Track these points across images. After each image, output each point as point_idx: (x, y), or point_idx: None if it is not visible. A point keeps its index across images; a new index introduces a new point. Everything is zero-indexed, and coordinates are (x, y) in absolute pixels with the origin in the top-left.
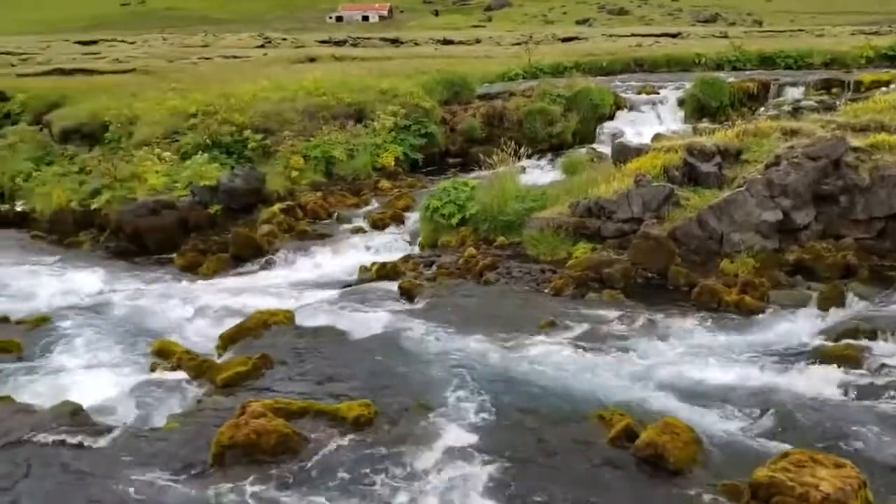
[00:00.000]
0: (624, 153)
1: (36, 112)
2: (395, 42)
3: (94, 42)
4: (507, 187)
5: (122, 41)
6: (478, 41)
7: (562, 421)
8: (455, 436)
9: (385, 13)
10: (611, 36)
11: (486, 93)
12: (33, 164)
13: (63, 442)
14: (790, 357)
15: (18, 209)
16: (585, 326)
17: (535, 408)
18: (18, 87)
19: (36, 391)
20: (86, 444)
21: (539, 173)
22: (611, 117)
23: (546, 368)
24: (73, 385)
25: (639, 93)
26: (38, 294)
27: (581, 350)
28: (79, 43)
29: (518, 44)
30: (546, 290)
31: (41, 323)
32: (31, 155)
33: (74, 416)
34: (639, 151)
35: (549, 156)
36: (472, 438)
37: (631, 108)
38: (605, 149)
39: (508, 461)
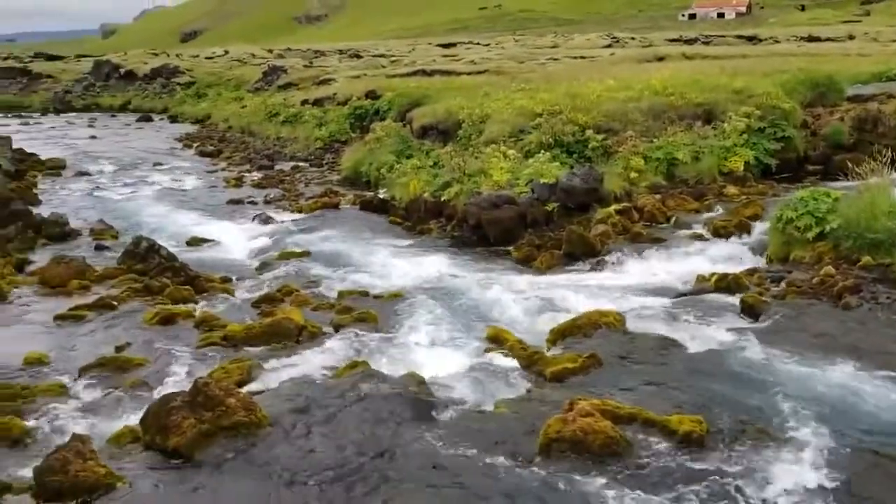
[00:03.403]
0: None
1: (400, 109)
2: (752, 39)
3: (453, 45)
4: (878, 201)
5: (478, 43)
6: (850, 37)
7: None
8: (795, 471)
9: (743, 9)
10: None
11: (857, 94)
12: (395, 156)
13: (408, 409)
14: None
15: (381, 196)
16: None
17: None
18: (387, 86)
19: (387, 360)
20: (426, 414)
21: None
22: None
23: None
24: (417, 358)
25: None
26: (392, 273)
27: None
28: (439, 46)
29: None
30: None
31: (394, 298)
32: (394, 148)
33: (418, 387)
34: None
35: None
36: (816, 478)
37: None
38: None
39: None
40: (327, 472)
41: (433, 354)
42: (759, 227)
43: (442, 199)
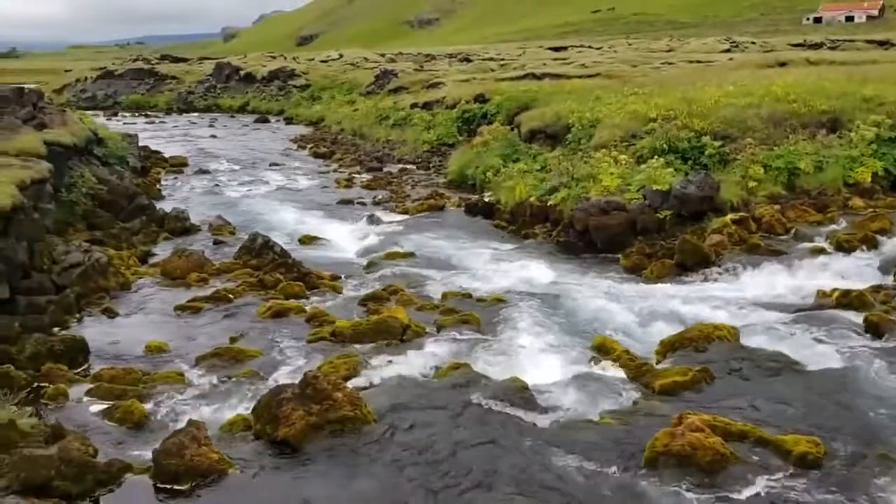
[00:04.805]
0: None
1: (508, 113)
2: (884, 44)
3: (564, 48)
4: None
5: (590, 47)
6: None
7: None
8: None
9: (875, 13)
10: None
11: None
12: (502, 160)
13: (510, 414)
14: None
15: (486, 200)
16: None
17: None
18: (496, 90)
19: (489, 363)
20: (529, 420)
21: None
22: None
23: None
24: (520, 363)
25: None
26: (496, 277)
27: None
28: (550, 49)
29: None
30: None
31: (497, 302)
32: (501, 152)
33: (521, 392)
34: None
35: None
36: None
37: None
38: None
39: None
40: (428, 470)
41: (536, 360)
42: (888, 242)
43: (548, 203)
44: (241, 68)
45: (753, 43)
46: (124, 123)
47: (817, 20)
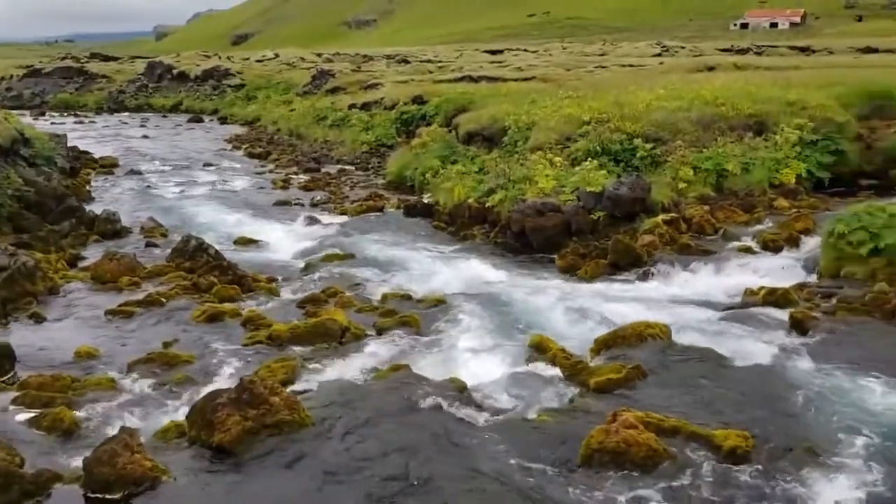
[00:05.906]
0: None
1: (446, 115)
2: (806, 50)
3: (500, 51)
4: None
5: (525, 50)
6: None
7: None
8: (842, 491)
9: (797, 20)
10: None
11: None
12: (440, 162)
13: (449, 414)
14: None
15: (425, 201)
16: None
17: None
18: (434, 91)
19: (429, 364)
20: (468, 420)
21: None
22: None
23: None
24: (459, 363)
25: None
26: (435, 278)
27: None
28: (487, 52)
29: None
30: None
31: (436, 303)
32: (439, 154)
33: (460, 392)
34: None
35: None
36: (863, 498)
37: None
38: None
39: None
40: (367, 473)
41: (475, 360)
42: (810, 242)
43: (486, 205)
44: (174, 67)
45: (683, 47)
46: (52, 123)
47: (744, 26)
